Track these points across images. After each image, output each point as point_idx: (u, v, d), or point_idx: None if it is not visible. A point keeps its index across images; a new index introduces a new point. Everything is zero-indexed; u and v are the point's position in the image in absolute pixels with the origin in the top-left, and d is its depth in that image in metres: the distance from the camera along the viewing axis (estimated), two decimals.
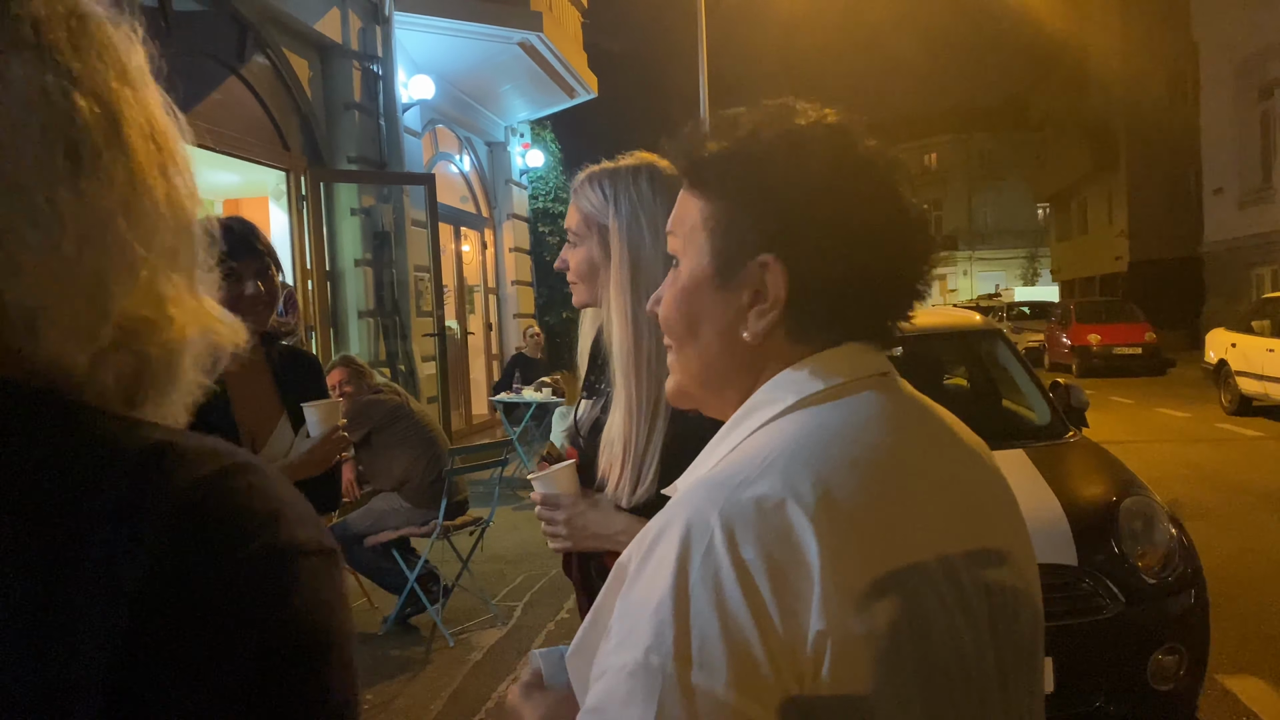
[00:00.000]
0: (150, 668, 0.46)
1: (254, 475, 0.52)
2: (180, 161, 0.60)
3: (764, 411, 0.84)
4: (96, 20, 0.58)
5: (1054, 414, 4.57)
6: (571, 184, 1.65)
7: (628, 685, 0.71)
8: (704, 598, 0.70)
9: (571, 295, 1.68)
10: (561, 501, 1.57)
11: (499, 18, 10.23)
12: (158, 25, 7.00)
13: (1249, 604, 5.04)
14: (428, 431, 5.25)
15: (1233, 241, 21.42)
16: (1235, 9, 20.51)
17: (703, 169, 0.88)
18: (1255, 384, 12.06)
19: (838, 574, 0.71)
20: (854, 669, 0.71)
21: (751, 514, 0.73)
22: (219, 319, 0.60)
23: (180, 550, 0.48)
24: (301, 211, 8.60)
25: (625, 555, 0.81)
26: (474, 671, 4.50)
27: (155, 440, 0.52)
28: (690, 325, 0.89)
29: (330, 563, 0.53)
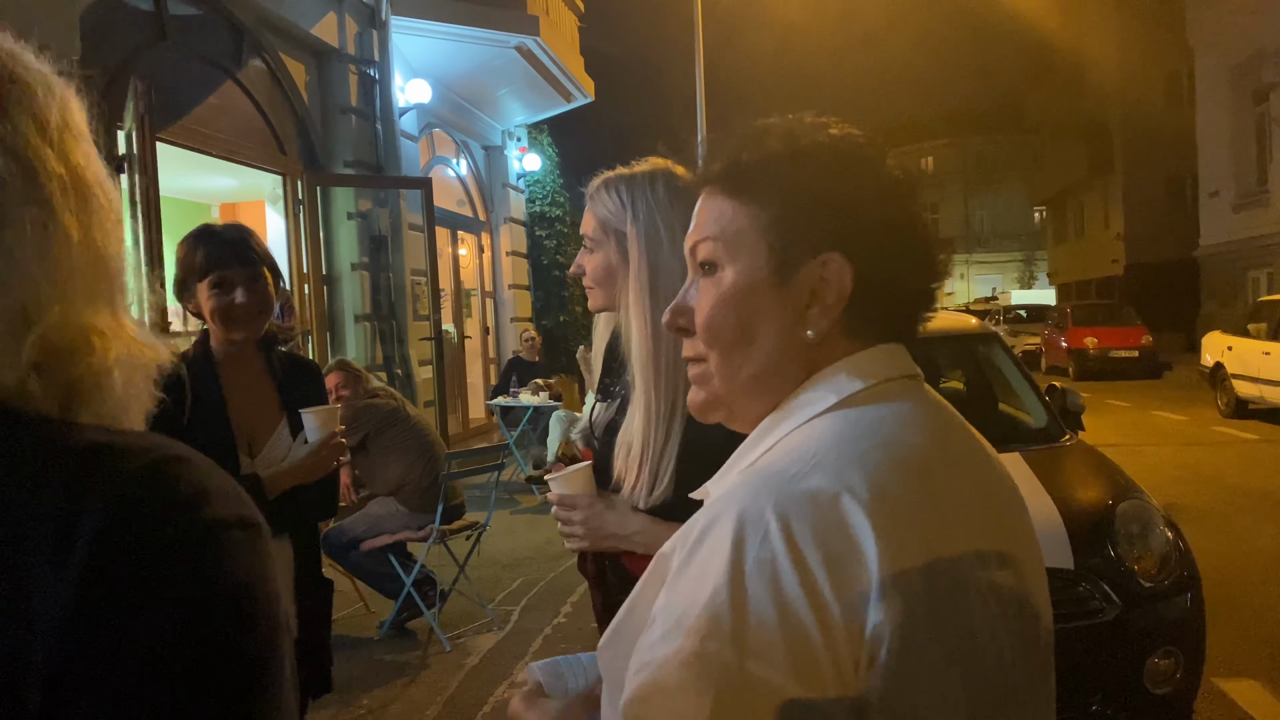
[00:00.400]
0: (92, 636, 0.53)
1: (183, 464, 0.60)
2: (102, 208, 0.67)
3: (806, 409, 0.86)
4: (25, 84, 0.65)
5: (1050, 417, 4.57)
6: (586, 190, 1.67)
7: (679, 674, 0.71)
8: (761, 587, 0.71)
9: (586, 299, 1.71)
10: (578, 502, 1.60)
11: (495, 22, 10.23)
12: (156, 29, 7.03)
13: (1245, 607, 5.05)
14: (424, 436, 5.25)
15: (1228, 245, 21.47)
16: (1230, 13, 20.58)
17: (747, 175, 0.89)
18: (1251, 387, 12.08)
19: (895, 567, 0.72)
20: (907, 663, 0.72)
21: (807, 506, 0.74)
22: (141, 341, 0.67)
23: (119, 531, 0.55)
24: (298, 216, 8.60)
25: (668, 547, 0.82)
26: (470, 676, 4.50)
27: (93, 440, 0.59)
28: (745, 329, 0.89)
29: (253, 534, 0.60)
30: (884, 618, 0.71)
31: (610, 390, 1.71)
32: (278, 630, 0.60)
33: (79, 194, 0.65)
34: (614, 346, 1.71)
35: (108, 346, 0.64)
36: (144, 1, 6.56)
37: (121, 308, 0.67)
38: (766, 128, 0.91)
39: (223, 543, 0.58)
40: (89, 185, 0.66)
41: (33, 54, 0.67)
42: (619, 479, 1.58)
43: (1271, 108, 19.59)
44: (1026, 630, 0.83)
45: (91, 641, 0.53)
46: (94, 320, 0.64)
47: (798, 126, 0.91)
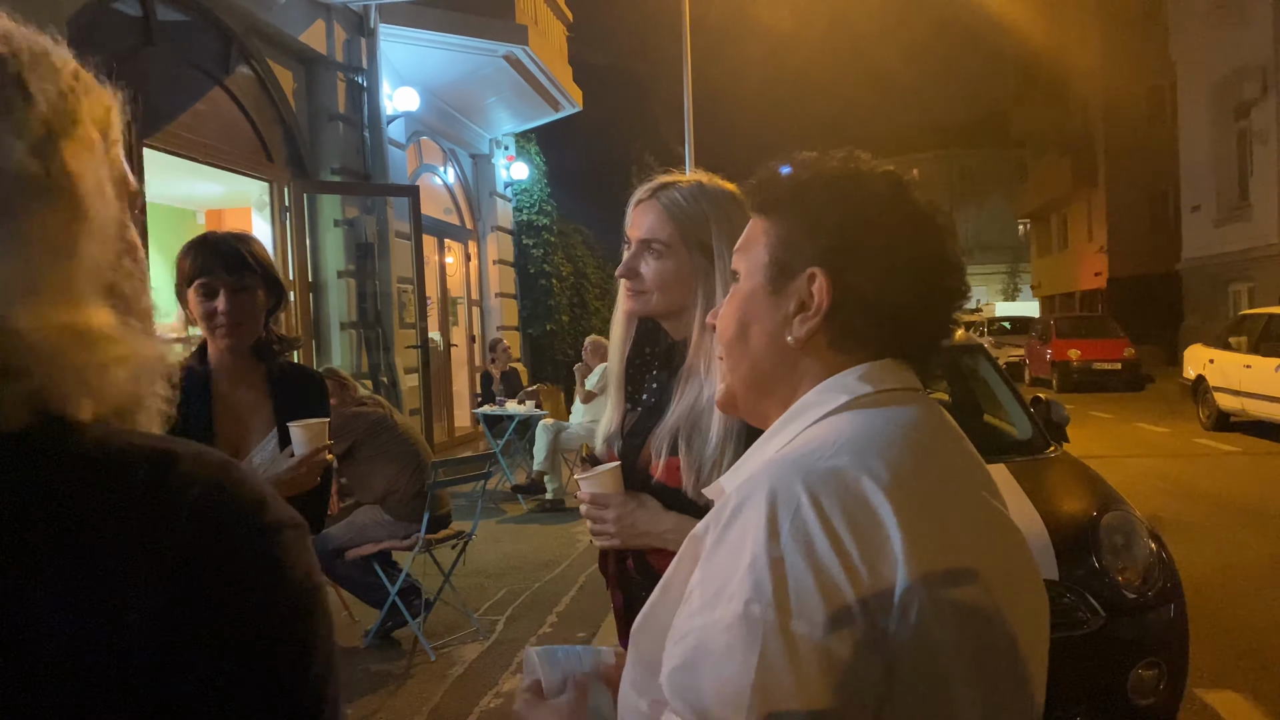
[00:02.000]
0: (184, 630, 0.58)
1: (240, 470, 0.65)
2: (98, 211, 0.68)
3: (816, 409, 0.94)
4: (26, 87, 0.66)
5: (1035, 429, 4.60)
6: (647, 193, 1.69)
7: (725, 637, 0.77)
8: (797, 554, 0.78)
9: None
10: (610, 501, 1.63)
11: (484, 31, 10.25)
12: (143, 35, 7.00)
13: (1227, 618, 5.08)
14: (411, 444, 5.24)
15: (1210, 258, 21.65)
16: (1211, 29, 20.80)
17: (770, 194, 1.01)
18: (1233, 400, 12.18)
19: (915, 544, 0.79)
20: (931, 631, 0.79)
21: (833, 484, 0.81)
22: (145, 340, 0.69)
23: (202, 539, 0.60)
24: (284, 223, 8.57)
25: (700, 529, 0.87)
26: (455, 686, 4.48)
27: (156, 446, 0.64)
28: (741, 328, 1.00)
29: (304, 533, 0.66)
30: (911, 584, 0.78)
31: (636, 397, 1.74)
32: (331, 619, 0.66)
33: (55, 196, 0.65)
34: (637, 353, 1.76)
35: (103, 345, 0.65)
36: (131, 7, 6.54)
37: (110, 310, 0.68)
38: (803, 160, 1.02)
39: (284, 542, 0.64)
40: (74, 188, 0.67)
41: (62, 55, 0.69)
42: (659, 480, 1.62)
43: (1253, 123, 19.79)
44: (1028, 624, 0.90)
45: (181, 647, 0.58)
46: (68, 320, 0.64)
47: (826, 159, 1.01)
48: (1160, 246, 25.61)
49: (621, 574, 1.73)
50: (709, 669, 0.77)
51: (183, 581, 0.59)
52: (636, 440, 1.69)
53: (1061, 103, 32.00)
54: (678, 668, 0.80)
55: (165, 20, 6.87)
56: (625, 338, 1.77)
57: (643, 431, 1.68)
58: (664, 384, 1.69)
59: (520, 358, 14.11)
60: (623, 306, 1.74)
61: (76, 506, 0.59)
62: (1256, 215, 19.66)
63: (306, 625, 0.64)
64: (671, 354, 1.71)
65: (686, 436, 1.59)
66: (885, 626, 0.77)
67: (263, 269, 2.30)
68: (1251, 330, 12.29)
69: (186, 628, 0.58)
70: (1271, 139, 18.84)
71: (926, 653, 0.79)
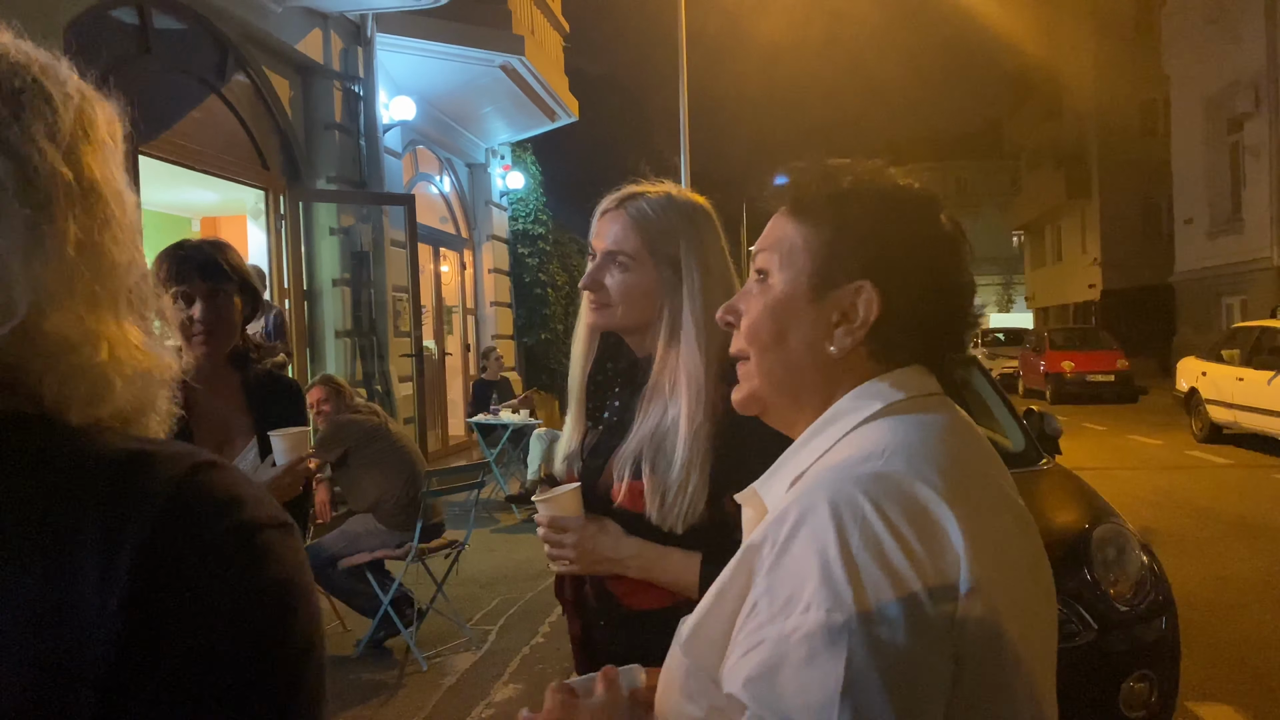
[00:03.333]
0: (146, 634, 0.56)
1: (216, 470, 0.64)
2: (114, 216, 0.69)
3: (853, 415, 0.95)
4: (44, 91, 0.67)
5: (1028, 441, 4.61)
6: (614, 203, 1.63)
7: (805, 646, 0.79)
8: (870, 561, 0.80)
9: (569, 317, 1.66)
10: (569, 524, 1.57)
11: (481, 41, 10.27)
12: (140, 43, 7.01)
13: (1219, 631, 5.09)
14: (405, 453, 5.23)
15: (1203, 271, 21.74)
16: (1204, 43, 20.92)
17: (812, 202, 1.01)
18: (1225, 412, 12.21)
19: (975, 545, 0.83)
20: (993, 628, 0.83)
21: (892, 491, 0.84)
22: (146, 350, 0.69)
23: (164, 537, 0.58)
24: (280, 231, 8.57)
25: (758, 537, 0.88)
26: (447, 695, 4.47)
27: (131, 448, 0.62)
28: (777, 334, 1.00)
29: (287, 532, 0.64)
30: (974, 585, 0.81)
31: (597, 415, 1.69)
32: (316, 621, 0.64)
33: (86, 201, 0.66)
34: (599, 369, 1.70)
35: (107, 350, 0.65)
36: (128, 15, 6.55)
37: (129, 316, 0.68)
38: (838, 166, 1.03)
39: (260, 543, 0.62)
40: (100, 193, 0.67)
41: (65, 67, 0.69)
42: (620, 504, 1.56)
43: (1245, 137, 19.89)
44: (1049, 633, 0.95)
45: (141, 645, 0.56)
46: (94, 325, 0.65)
47: (863, 168, 1.03)
48: (1153, 259, 25.71)
49: (579, 600, 1.67)
50: (790, 677, 0.79)
51: (141, 586, 0.57)
52: (597, 461, 1.63)
53: (1056, 115, 32.16)
54: (755, 678, 0.81)
55: (162, 29, 6.89)
56: (587, 352, 1.71)
57: (604, 451, 1.63)
58: (626, 402, 1.63)
59: (515, 366, 14.11)
60: (585, 320, 1.67)
61: (37, 505, 0.58)
62: (1249, 228, 19.75)
63: (281, 625, 0.62)
64: (634, 371, 1.65)
65: (650, 459, 1.53)
66: (953, 625, 0.80)
67: (239, 277, 2.29)
68: (1244, 343, 12.33)
69: (141, 637, 0.56)
70: (1264, 153, 18.93)
71: (990, 649, 0.82)
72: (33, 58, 0.67)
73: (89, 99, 0.70)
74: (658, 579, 1.54)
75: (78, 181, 0.66)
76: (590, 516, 1.58)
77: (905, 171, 1.07)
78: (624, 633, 1.60)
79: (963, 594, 0.81)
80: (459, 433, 12.25)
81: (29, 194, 0.63)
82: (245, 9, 7.64)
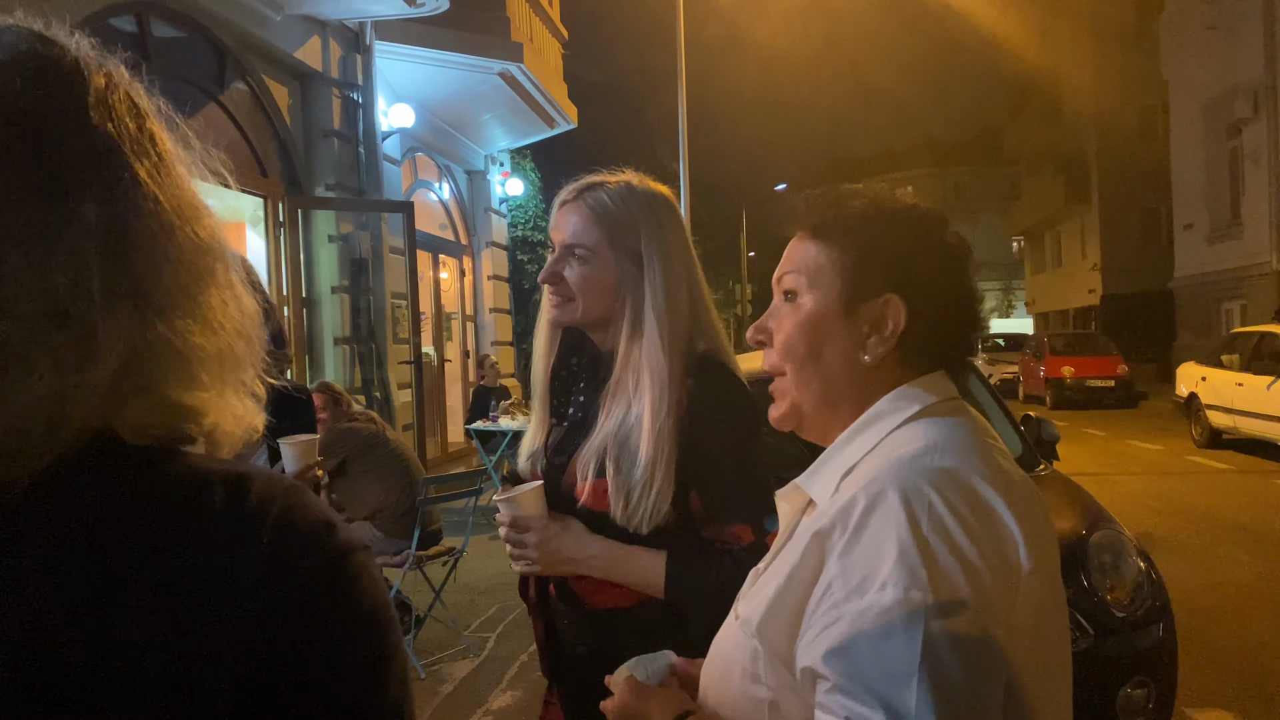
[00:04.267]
0: (270, 648, 0.59)
1: (305, 494, 0.67)
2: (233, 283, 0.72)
3: (892, 416, 1.04)
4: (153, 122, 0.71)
5: (1025, 447, 4.60)
6: (573, 194, 1.60)
7: (882, 621, 0.86)
8: (940, 544, 0.88)
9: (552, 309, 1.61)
10: (532, 524, 1.54)
11: (480, 48, 10.29)
12: (138, 51, 7.03)
13: (1218, 636, 5.08)
14: (402, 461, 5.23)
15: (1203, 276, 21.74)
16: (1203, 49, 20.95)
17: (833, 225, 1.09)
18: (1225, 417, 12.20)
19: (1028, 533, 0.92)
20: (1043, 609, 0.93)
21: (952, 481, 0.93)
22: (241, 414, 0.71)
23: (279, 558, 0.61)
24: (279, 238, 8.58)
25: (826, 524, 0.95)
26: (445, 703, 4.46)
27: (233, 470, 0.65)
28: (813, 348, 1.08)
29: (371, 555, 0.68)
30: (1032, 566, 0.90)
31: (561, 411, 1.65)
32: (400, 633, 0.69)
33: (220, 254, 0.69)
34: (563, 365, 1.67)
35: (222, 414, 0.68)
36: (127, 24, 6.57)
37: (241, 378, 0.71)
38: (852, 191, 1.12)
39: (356, 563, 0.65)
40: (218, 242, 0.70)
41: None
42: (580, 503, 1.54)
43: (1244, 142, 19.91)
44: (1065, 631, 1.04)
45: (268, 662, 0.59)
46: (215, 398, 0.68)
47: (877, 192, 1.12)
48: (1153, 264, 25.72)
49: (543, 601, 1.65)
50: (869, 649, 0.85)
51: (263, 601, 0.60)
52: (561, 459, 1.60)
53: (1055, 121, 32.18)
54: (834, 650, 0.87)
55: (161, 37, 6.91)
56: (549, 349, 1.67)
57: (568, 449, 1.59)
58: (590, 399, 1.60)
59: (514, 373, 14.12)
60: (546, 315, 1.64)
61: (161, 529, 0.60)
62: (1248, 234, 19.76)
63: (384, 644, 0.65)
64: (597, 366, 1.62)
65: (615, 458, 1.50)
66: (1012, 605, 0.89)
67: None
68: (1243, 348, 12.33)
69: (268, 649, 0.59)
70: (1263, 158, 18.95)
71: (1040, 628, 0.92)
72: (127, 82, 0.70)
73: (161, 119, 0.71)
74: (622, 579, 1.52)
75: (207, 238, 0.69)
76: (553, 515, 1.55)
77: (905, 177, 1.11)
78: (588, 631, 1.59)
79: (1022, 576, 0.90)
80: (458, 439, 12.25)
81: (214, 273, 0.68)
82: (244, 17, 7.66)
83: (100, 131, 0.64)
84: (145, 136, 0.67)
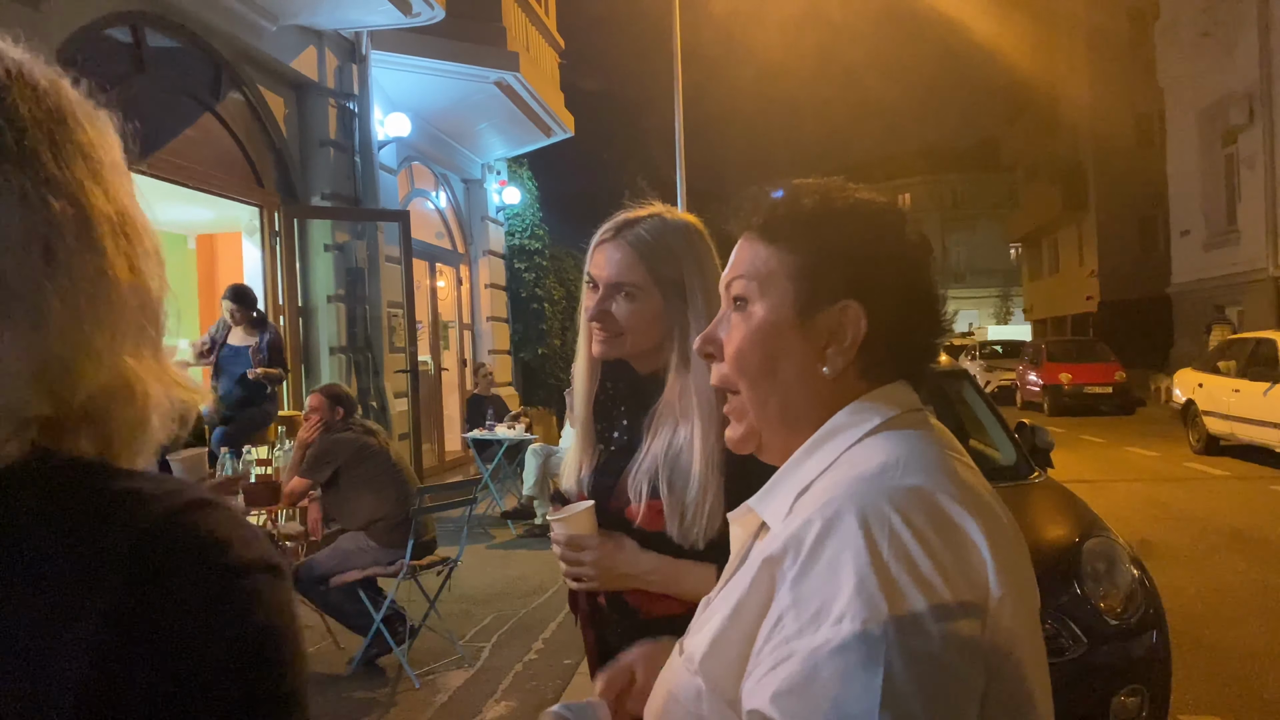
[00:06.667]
0: (117, 684, 0.54)
1: (206, 509, 0.60)
2: (147, 248, 0.66)
3: (852, 431, 0.95)
4: (75, 121, 0.64)
5: (1019, 454, 4.61)
6: (611, 233, 1.64)
7: (839, 659, 0.77)
8: (902, 571, 0.79)
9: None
10: (587, 543, 1.59)
11: (476, 58, 10.31)
12: (134, 61, 7.04)
13: (1213, 643, 5.07)
14: (397, 472, 5.20)
15: (1200, 282, 21.77)
16: (1198, 56, 21.01)
17: (783, 225, 1.00)
18: (1222, 424, 12.21)
19: (998, 555, 0.83)
20: (1016, 636, 0.83)
21: (917, 501, 0.84)
22: (182, 383, 0.67)
23: (142, 577, 0.56)
24: (275, 247, 8.59)
25: (776, 550, 0.86)
26: (440, 713, 4.45)
27: (119, 486, 0.60)
28: (767, 363, 0.98)
29: (276, 575, 0.61)
30: (1003, 593, 0.82)
31: (608, 436, 1.70)
32: (302, 671, 0.62)
33: (129, 235, 0.64)
34: (600, 389, 1.71)
35: (150, 389, 0.64)
36: (122, 34, 6.58)
37: (162, 349, 0.67)
38: (802, 186, 1.02)
39: (246, 587, 0.59)
40: (137, 228, 0.65)
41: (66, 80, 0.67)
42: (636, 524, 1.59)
43: (1240, 149, 19.95)
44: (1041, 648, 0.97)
45: (117, 690, 0.54)
46: (138, 366, 0.64)
47: (829, 187, 1.02)
48: (1150, 271, 25.75)
49: (594, 611, 1.69)
50: (824, 691, 0.77)
51: (118, 627, 0.55)
52: (607, 480, 1.65)
53: (1051, 129, 32.28)
54: (784, 692, 0.79)
55: (156, 47, 6.92)
56: (591, 382, 1.71)
57: (614, 470, 1.64)
58: (634, 421, 1.65)
59: (512, 381, 14.11)
60: (589, 350, 1.67)
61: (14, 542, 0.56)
62: (1245, 240, 19.79)
63: (265, 682, 0.59)
64: (639, 390, 1.66)
65: (667, 478, 1.55)
66: (983, 634, 0.80)
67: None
68: (1240, 354, 12.34)
69: (117, 680, 0.54)
70: (1258, 165, 18.99)
71: (1014, 657, 0.83)
72: (51, 79, 0.65)
73: (103, 118, 0.68)
74: (678, 591, 1.56)
75: (118, 215, 0.64)
76: (606, 533, 1.60)
77: (903, 185, 1.07)
78: (640, 637, 1.62)
79: (992, 602, 0.81)
80: (455, 448, 12.24)
81: (89, 238, 0.62)
82: (239, 27, 7.68)
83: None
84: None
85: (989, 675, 0.80)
